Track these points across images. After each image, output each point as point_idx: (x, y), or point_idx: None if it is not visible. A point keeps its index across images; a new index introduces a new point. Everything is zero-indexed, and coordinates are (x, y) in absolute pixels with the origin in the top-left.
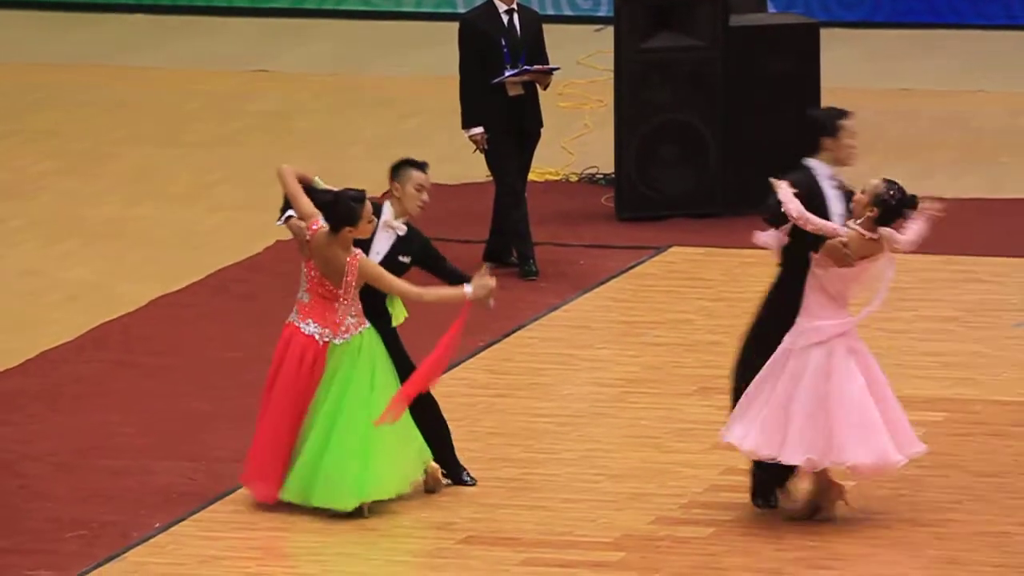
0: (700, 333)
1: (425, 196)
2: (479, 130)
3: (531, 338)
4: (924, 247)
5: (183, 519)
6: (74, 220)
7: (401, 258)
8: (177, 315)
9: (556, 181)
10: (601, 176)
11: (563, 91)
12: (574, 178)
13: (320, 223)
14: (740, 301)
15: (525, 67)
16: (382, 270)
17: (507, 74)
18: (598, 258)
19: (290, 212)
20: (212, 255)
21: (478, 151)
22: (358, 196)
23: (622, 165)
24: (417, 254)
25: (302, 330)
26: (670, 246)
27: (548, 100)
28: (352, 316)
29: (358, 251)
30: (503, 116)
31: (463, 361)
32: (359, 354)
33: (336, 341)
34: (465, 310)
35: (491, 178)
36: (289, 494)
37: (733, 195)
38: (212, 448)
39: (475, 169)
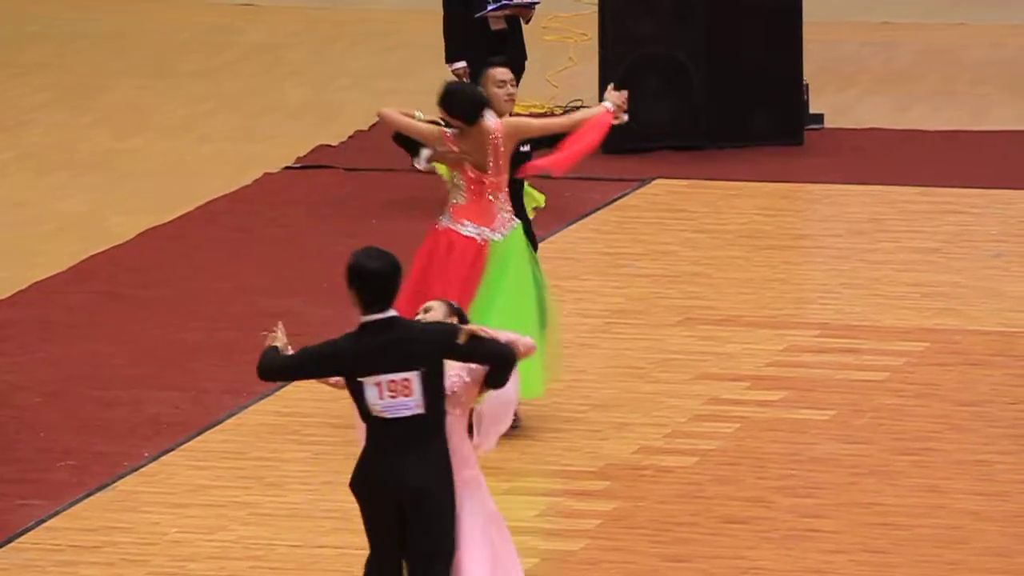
0: (684, 264)
1: (509, 88)
2: (462, 64)
3: None
4: (905, 179)
5: (173, 449)
6: (65, 152)
7: (521, 148)
8: (166, 246)
9: (541, 114)
10: (586, 109)
11: (547, 24)
12: (559, 111)
13: (448, 131)
14: (723, 233)
15: (507, 1)
16: (525, 118)
17: (490, 8)
18: (582, 190)
19: (424, 150)
20: (202, 186)
21: None
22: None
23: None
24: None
25: (460, 232)
26: (654, 178)
27: (532, 34)
28: (505, 212)
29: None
30: (487, 50)
31: None
32: (520, 249)
33: (496, 238)
34: (607, 125)
35: None
36: None
37: (716, 128)
38: (201, 378)
39: None
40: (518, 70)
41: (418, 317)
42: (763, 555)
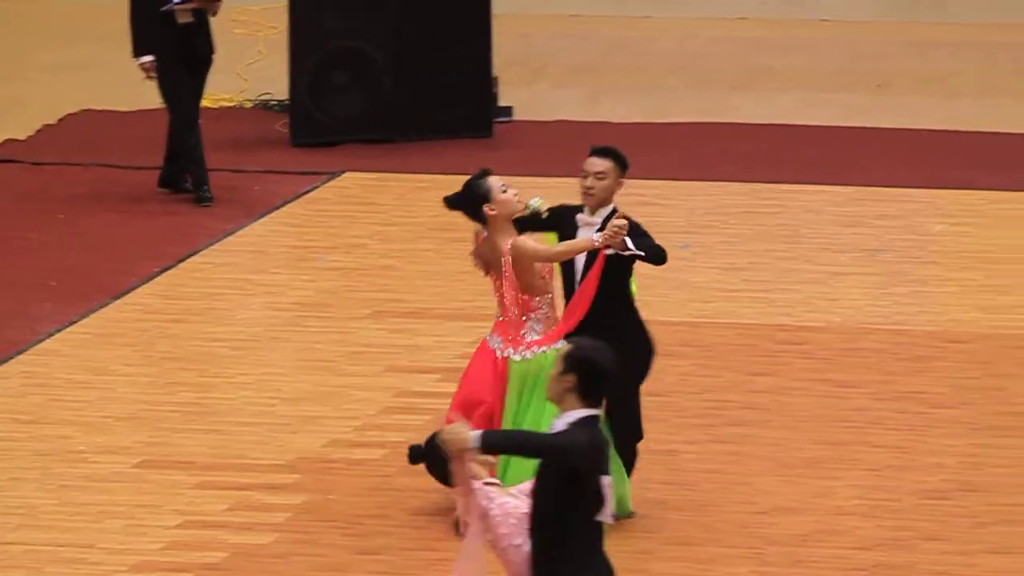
0: (374, 257)
1: (588, 181)
2: (149, 58)
3: (206, 263)
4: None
5: None
6: None
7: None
8: None
9: (230, 107)
10: (275, 102)
11: (237, 17)
12: (248, 104)
13: (481, 231)
14: (413, 225)
15: None
16: (528, 241)
17: (175, 2)
18: (272, 183)
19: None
20: None
21: (149, 79)
22: (479, 173)
23: (296, 91)
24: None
25: (488, 343)
26: (343, 171)
27: (222, 26)
28: (537, 333)
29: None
30: (173, 43)
31: (137, 287)
32: (540, 375)
33: (515, 357)
34: (600, 259)
35: (165, 105)
36: None
37: (406, 121)
38: None
39: (149, 96)
40: (206, 62)
41: None
42: (453, 547)
